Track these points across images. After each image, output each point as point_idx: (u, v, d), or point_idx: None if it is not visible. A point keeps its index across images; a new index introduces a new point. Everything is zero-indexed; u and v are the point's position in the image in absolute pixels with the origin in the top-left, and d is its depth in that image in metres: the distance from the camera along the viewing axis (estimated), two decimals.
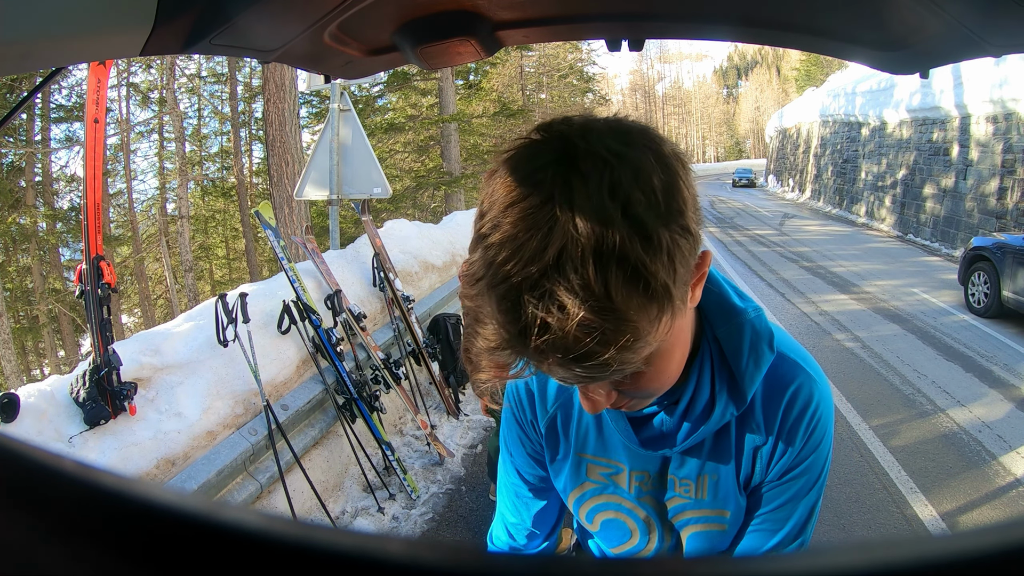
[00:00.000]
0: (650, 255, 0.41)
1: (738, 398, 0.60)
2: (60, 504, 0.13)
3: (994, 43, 0.74)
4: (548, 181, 0.41)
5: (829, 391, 0.65)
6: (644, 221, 0.41)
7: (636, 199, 0.41)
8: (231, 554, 0.12)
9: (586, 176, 0.41)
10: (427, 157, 16.34)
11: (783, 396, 0.62)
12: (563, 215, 0.40)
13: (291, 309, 2.95)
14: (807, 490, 0.64)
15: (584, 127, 0.44)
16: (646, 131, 0.47)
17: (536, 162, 0.43)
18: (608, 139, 0.43)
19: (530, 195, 0.42)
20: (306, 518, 2.67)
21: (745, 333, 0.59)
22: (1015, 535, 0.12)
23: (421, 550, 0.13)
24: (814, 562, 0.13)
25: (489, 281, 0.42)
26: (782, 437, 0.62)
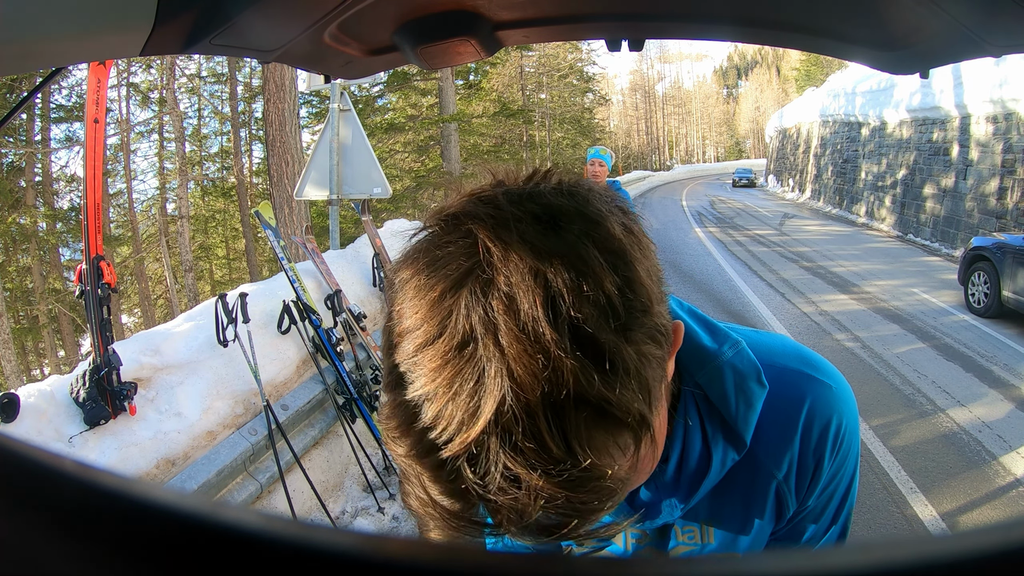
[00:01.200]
0: (616, 386, 0.32)
1: (736, 442, 0.53)
2: (60, 504, 0.13)
3: (994, 43, 0.74)
4: (463, 311, 0.32)
5: (847, 389, 0.57)
6: (600, 344, 0.32)
7: (585, 316, 0.32)
8: (231, 554, 0.12)
9: (511, 299, 0.32)
10: (427, 157, 16.35)
11: (797, 418, 0.54)
12: (491, 358, 0.31)
13: (291, 309, 2.95)
14: (839, 504, 0.59)
15: (497, 219, 0.34)
16: (582, 204, 0.36)
17: (444, 280, 0.33)
18: (532, 235, 0.33)
19: (443, 331, 0.32)
20: (306, 518, 2.67)
21: (726, 376, 0.52)
22: (1015, 535, 0.12)
23: (421, 550, 0.13)
24: (814, 562, 0.13)
25: (413, 451, 0.34)
26: (806, 461, 0.55)
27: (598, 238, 0.34)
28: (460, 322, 0.32)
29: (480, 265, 0.33)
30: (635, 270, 0.35)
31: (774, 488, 0.56)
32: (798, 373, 0.55)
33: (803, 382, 0.55)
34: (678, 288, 7.53)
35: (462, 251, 0.34)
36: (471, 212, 0.35)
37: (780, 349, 0.57)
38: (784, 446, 0.55)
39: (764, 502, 0.57)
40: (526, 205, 0.35)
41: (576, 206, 0.36)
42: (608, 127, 52.44)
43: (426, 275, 0.34)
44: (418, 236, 0.38)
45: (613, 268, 0.34)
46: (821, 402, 0.54)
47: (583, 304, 0.32)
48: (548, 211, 0.35)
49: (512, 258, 0.33)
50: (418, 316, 0.34)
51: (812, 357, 0.58)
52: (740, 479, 0.56)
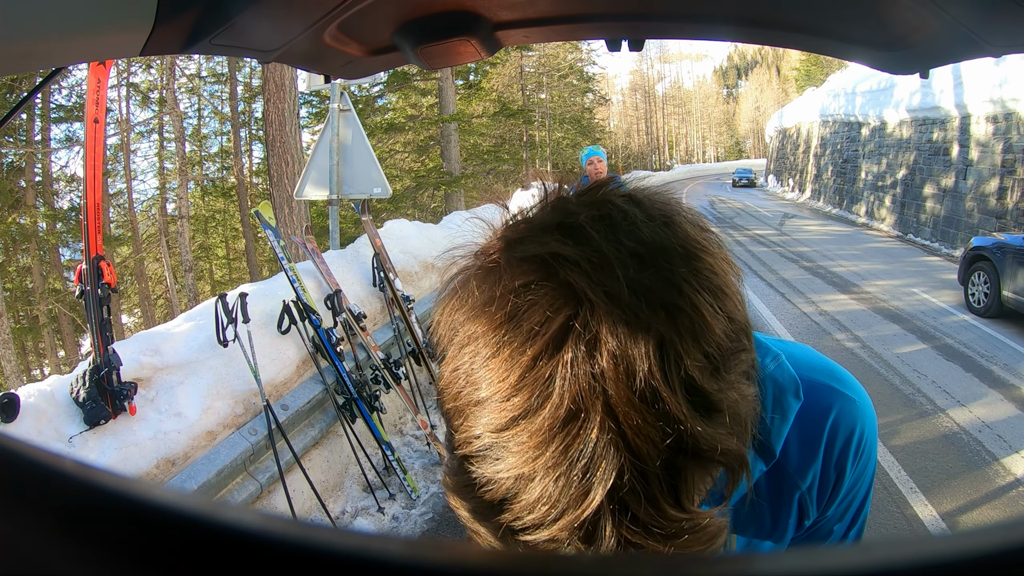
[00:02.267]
0: (726, 435, 0.30)
1: (766, 453, 0.52)
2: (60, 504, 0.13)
3: (994, 43, 0.74)
4: (567, 379, 0.28)
5: (869, 402, 0.57)
6: (711, 397, 0.29)
7: (697, 371, 0.29)
8: (231, 554, 0.12)
9: (623, 360, 0.28)
10: (427, 157, 16.35)
11: (822, 431, 0.54)
12: (603, 432, 0.28)
13: (291, 309, 2.95)
14: (857, 509, 0.60)
15: (594, 262, 0.29)
16: (682, 237, 0.32)
17: (535, 339, 0.29)
18: (639, 282, 0.29)
19: (544, 404, 0.28)
20: (306, 518, 2.67)
21: (767, 389, 0.51)
22: (1015, 535, 0.12)
23: (421, 550, 0.13)
24: (814, 562, 0.13)
25: (506, 527, 0.29)
26: (829, 472, 0.56)
27: (704, 278, 0.31)
28: (565, 391, 0.28)
29: (579, 319, 0.28)
30: (737, 306, 0.32)
31: (797, 498, 0.57)
32: (825, 387, 0.55)
33: (829, 395, 0.55)
34: None
35: (553, 301, 0.29)
36: (559, 252, 0.30)
37: (808, 362, 0.57)
38: (809, 457, 0.55)
39: (788, 511, 0.57)
40: (625, 242, 0.30)
41: (677, 240, 0.31)
42: (608, 127, 52.42)
43: (507, 332, 0.29)
44: (479, 269, 0.32)
45: (721, 309, 0.31)
46: (845, 414, 0.55)
47: (697, 358, 0.29)
48: (651, 249, 0.30)
49: (619, 312, 0.28)
50: (505, 385, 0.29)
51: (837, 370, 0.58)
52: (766, 489, 0.57)
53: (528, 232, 0.32)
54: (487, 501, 0.30)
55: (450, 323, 0.33)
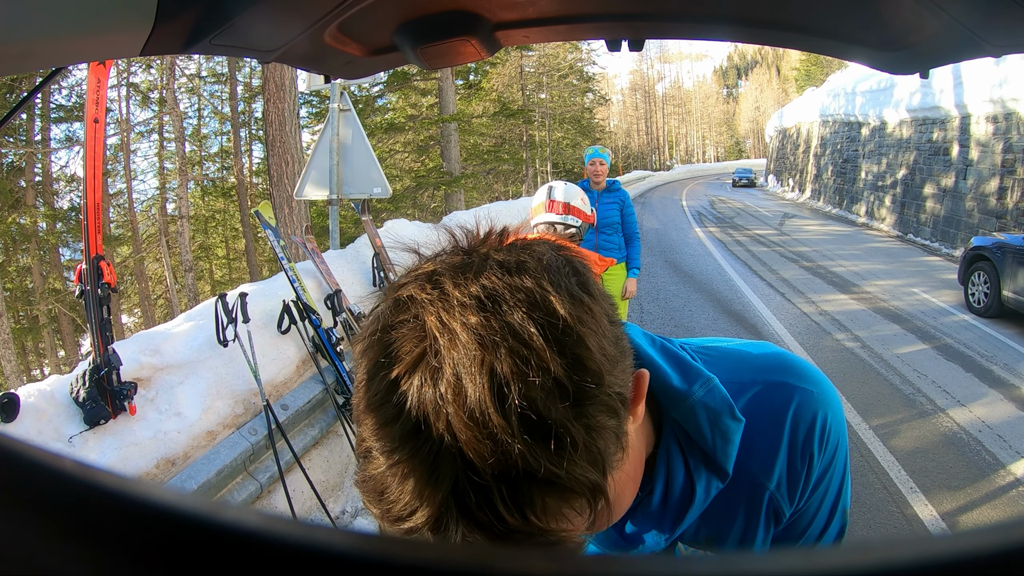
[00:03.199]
0: (564, 462, 0.33)
1: (718, 472, 0.55)
2: (60, 504, 0.13)
3: (994, 43, 0.74)
4: (415, 397, 0.34)
5: (829, 389, 0.59)
6: (547, 425, 0.33)
7: (532, 400, 0.33)
8: (231, 554, 0.12)
9: (459, 387, 0.33)
10: (427, 157, 16.35)
11: (782, 427, 0.56)
12: (443, 442, 0.33)
13: (291, 309, 2.95)
14: (834, 497, 0.61)
15: (443, 304, 0.35)
16: (527, 283, 0.36)
17: (397, 364, 0.35)
18: (475, 322, 0.34)
19: (399, 415, 0.34)
20: (306, 518, 2.67)
21: (699, 415, 0.53)
22: (1015, 535, 0.12)
23: (421, 550, 0.13)
24: (814, 562, 0.13)
25: (383, 519, 0.36)
26: (795, 467, 0.57)
27: (542, 319, 0.35)
28: (413, 408, 0.34)
29: (429, 352, 0.35)
30: (585, 345, 0.36)
31: (767, 498, 0.59)
32: (780, 384, 0.57)
33: (784, 391, 0.57)
34: (678, 288, 7.54)
35: (412, 335, 0.36)
36: (416, 297, 0.37)
37: (761, 363, 0.59)
38: (773, 457, 0.57)
39: (759, 513, 0.59)
40: (470, 288, 0.36)
41: (520, 285, 0.36)
42: (608, 127, 52.41)
43: (382, 357, 0.36)
44: (377, 309, 0.39)
45: (559, 349, 0.34)
46: (803, 406, 0.57)
47: (529, 389, 0.33)
48: (491, 294, 0.35)
49: (457, 346, 0.34)
50: (376, 398, 0.36)
51: (793, 365, 0.60)
52: (735, 496, 0.58)
53: (408, 277, 0.39)
54: (371, 494, 0.36)
55: (357, 345, 0.39)
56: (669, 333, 5.61)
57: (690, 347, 0.61)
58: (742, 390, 0.58)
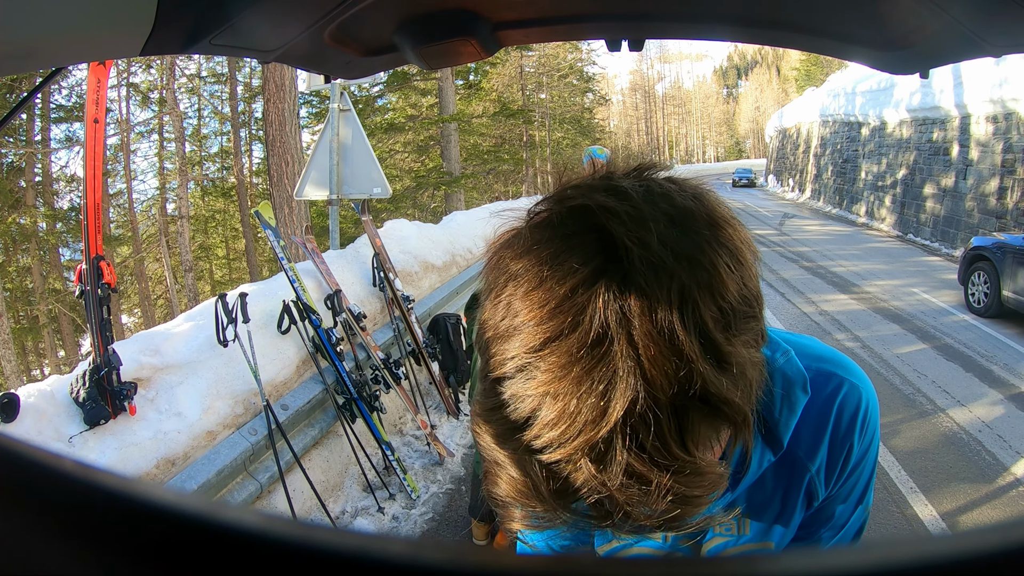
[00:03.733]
0: (732, 387, 0.33)
1: (774, 444, 0.55)
2: (60, 504, 0.13)
3: (994, 43, 0.74)
4: (599, 308, 0.31)
5: (868, 382, 0.60)
6: (722, 348, 0.33)
7: (713, 321, 0.33)
8: (231, 554, 0.12)
9: (648, 300, 0.31)
10: (427, 157, 16.35)
11: (830, 412, 0.58)
12: (624, 360, 0.31)
13: (291, 309, 2.95)
14: (863, 488, 0.62)
15: (634, 216, 0.33)
16: (709, 208, 0.37)
17: (575, 275, 0.33)
18: (669, 236, 0.33)
19: (576, 328, 0.32)
20: (306, 518, 2.67)
21: (776, 382, 0.53)
22: (1015, 535, 0.12)
23: (421, 550, 0.13)
24: (814, 562, 0.13)
25: (522, 446, 0.33)
26: (836, 454, 0.58)
27: (725, 243, 0.35)
28: (595, 319, 0.32)
29: (616, 262, 0.33)
30: (751, 276, 0.37)
31: (807, 481, 0.60)
32: (832, 373, 0.59)
33: (836, 380, 0.58)
34: None
35: (595, 245, 0.33)
36: (604, 204, 0.34)
37: (815, 352, 0.61)
38: (819, 441, 0.58)
39: (797, 494, 0.60)
40: (660, 204, 0.35)
41: (705, 210, 0.36)
42: (608, 127, 52.40)
43: (551, 267, 0.33)
44: (532, 221, 0.37)
45: (738, 274, 0.35)
46: (850, 395, 0.58)
47: (712, 310, 0.33)
48: (681, 213, 0.35)
49: (650, 258, 0.32)
50: (544, 311, 0.32)
51: (841, 357, 0.61)
52: (778, 474, 0.59)
53: (577, 190, 0.36)
54: (511, 421, 0.34)
55: (498, 263, 0.37)
56: None
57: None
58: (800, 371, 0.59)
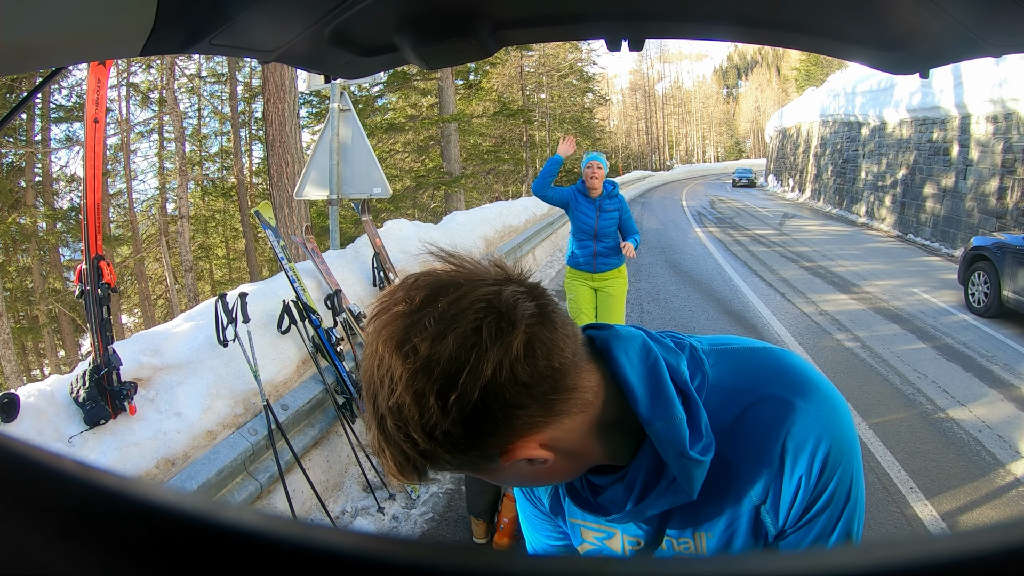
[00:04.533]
0: (407, 444, 0.48)
1: (682, 493, 0.57)
2: (60, 504, 0.13)
3: (994, 43, 0.74)
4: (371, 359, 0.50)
5: (834, 412, 0.57)
6: (400, 433, 0.48)
7: (388, 419, 0.48)
8: (231, 554, 0.12)
9: (370, 377, 0.50)
10: (427, 157, 16.35)
11: (775, 445, 0.56)
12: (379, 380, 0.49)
13: (291, 309, 2.95)
14: (833, 524, 0.58)
15: (387, 343, 0.49)
16: (427, 367, 0.47)
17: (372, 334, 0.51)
18: (383, 361, 0.48)
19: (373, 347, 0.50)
20: (306, 518, 2.67)
21: (656, 444, 0.55)
22: (1015, 535, 0.12)
23: (420, 550, 0.13)
24: (814, 562, 0.13)
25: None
26: (784, 488, 0.56)
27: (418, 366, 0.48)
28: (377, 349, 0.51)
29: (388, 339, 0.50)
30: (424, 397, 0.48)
31: (753, 511, 0.59)
32: (780, 400, 0.57)
33: (783, 409, 0.56)
34: (678, 288, 7.54)
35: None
36: (401, 301, 0.52)
37: (767, 373, 0.59)
38: (762, 472, 0.57)
39: (742, 523, 0.59)
40: (422, 316, 0.48)
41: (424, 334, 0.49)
42: (608, 127, 52.39)
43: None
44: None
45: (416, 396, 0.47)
46: (800, 429, 0.56)
47: (392, 411, 0.48)
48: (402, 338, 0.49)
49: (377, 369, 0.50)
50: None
51: (800, 380, 0.58)
52: (724, 499, 0.59)
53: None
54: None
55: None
56: None
57: (702, 350, 0.61)
58: (739, 398, 0.57)
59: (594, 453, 0.56)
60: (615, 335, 0.58)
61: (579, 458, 0.56)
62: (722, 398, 0.58)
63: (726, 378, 0.59)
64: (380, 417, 0.48)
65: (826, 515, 0.57)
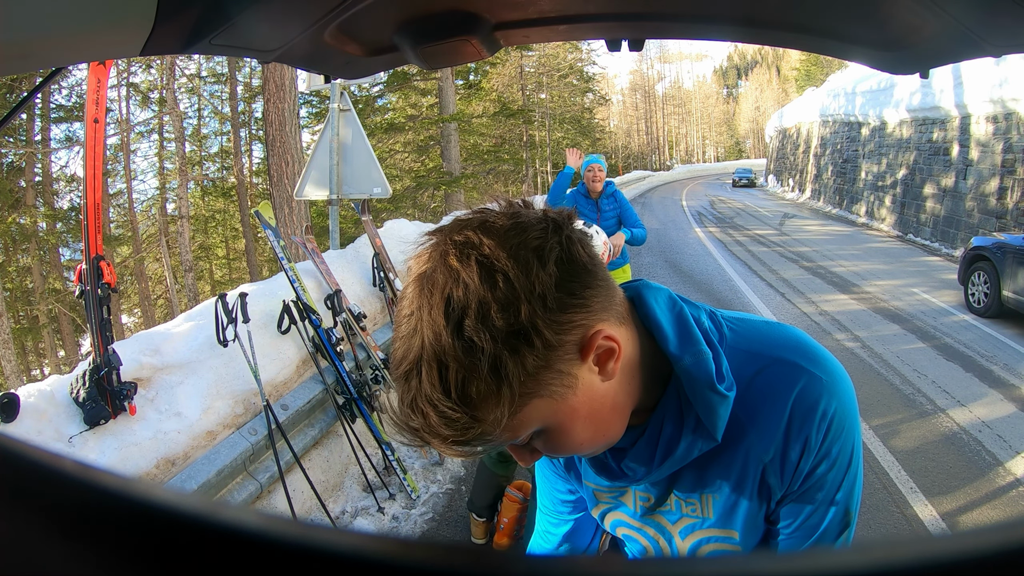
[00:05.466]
0: (474, 368, 0.45)
1: (706, 436, 0.59)
2: (60, 504, 0.13)
3: (994, 43, 0.74)
4: (416, 292, 0.48)
5: (842, 381, 0.60)
6: (471, 339, 0.45)
7: (468, 317, 0.45)
8: (231, 554, 0.12)
9: (433, 292, 0.47)
10: (427, 157, 16.35)
11: (784, 405, 0.58)
12: (420, 327, 0.47)
13: (291, 309, 2.95)
14: (834, 491, 0.61)
15: (464, 241, 0.48)
16: (518, 245, 0.47)
17: (419, 266, 0.49)
18: (468, 254, 0.47)
19: (408, 303, 0.48)
20: (306, 518, 2.67)
21: (684, 381, 0.58)
22: (1015, 535, 0.12)
23: (420, 550, 0.13)
24: (814, 562, 0.13)
25: (391, 372, 0.50)
26: (791, 447, 0.59)
27: (508, 269, 0.47)
28: (416, 298, 0.48)
29: (434, 267, 0.49)
30: (519, 298, 0.47)
31: (760, 470, 0.61)
32: (791, 364, 0.60)
33: (794, 372, 0.59)
34: (678, 288, 7.53)
35: (434, 252, 0.50)
36: (467, 220, 0.52)
37: (780, 340, 0.62)
38: (771, 431, 0.59)
39: (751, 485, 0.62)
40: (492, 231, 0.49)
41: (513, 243, 0.49)
42: (608, 127, 52.41)
43: (418, 258, 0.52)
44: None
45: (510, 290, 0.46)
46: (808, 390, 0.58)
47: (469, 311, 0.46)
48: (495, 239, 0.48)
49: (447, 268, 0.47)
50: (408, 285, 0.51)
51: (811, 349, 0.61)
52: (732, 459, 0.61)
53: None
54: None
55: None
56: None
57: (721, 316, 0.64)
58: (753, 360, 0.60)
59: (634, 389, 0.58)
60: (644, 284, 0.62)
61: (628, 386, 0.57)
62: (737, 359, 0.60)
63: (742, 341, 0.62)
64: (440, 340, 0.46)
65: (829, 478, 0.60)
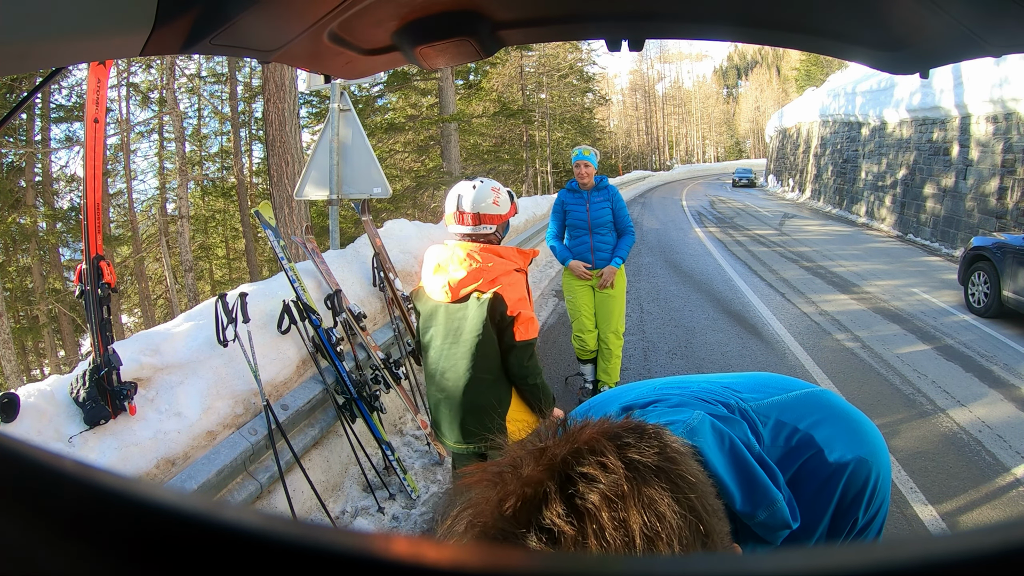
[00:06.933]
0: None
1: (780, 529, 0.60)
2: (60, 504, 0.13)
3: (994, 43, 0.74)
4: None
5: (879, 447, 0.62)
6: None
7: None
8: (231, 554, 0.12)
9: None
10: (427, 157, 16.36)
11: (836, 487, 0.61)
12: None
13: (291, 309, 2.95)
14: (871, 538, 0.64)
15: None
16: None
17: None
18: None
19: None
20: (306, 518, 2.67)
21: (762, 532, 0.58)
22: (1015, 535, 0.12)
23: (421, 550, 0.13)
24: (814, 562, 0.13)
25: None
26: (838, 525, 0.62)
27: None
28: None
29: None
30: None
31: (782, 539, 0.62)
32: (843, 443, 0.61)
33: (845, 452, 0.61)
34: (678, 288, 7.54)
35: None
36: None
37: (818, 429, 0.62)
38: (818, 519, 0.61)
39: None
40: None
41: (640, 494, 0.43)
42: (608, 127, 52.40)
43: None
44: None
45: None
46: (859, 470, 0.60)
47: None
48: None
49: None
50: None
51: (854, 422, 0.63)
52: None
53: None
54: None
55: None
56: (669, 333, 5.61)
57: (751, 410, 0.62)
58: (795, 455, 0.61)
59: None
60: (688, 431, 0.56)
61: None
62: (781, 459, 0.61)
63: (779, 438, 0.62)
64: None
65: (868, 532, 0.62)
